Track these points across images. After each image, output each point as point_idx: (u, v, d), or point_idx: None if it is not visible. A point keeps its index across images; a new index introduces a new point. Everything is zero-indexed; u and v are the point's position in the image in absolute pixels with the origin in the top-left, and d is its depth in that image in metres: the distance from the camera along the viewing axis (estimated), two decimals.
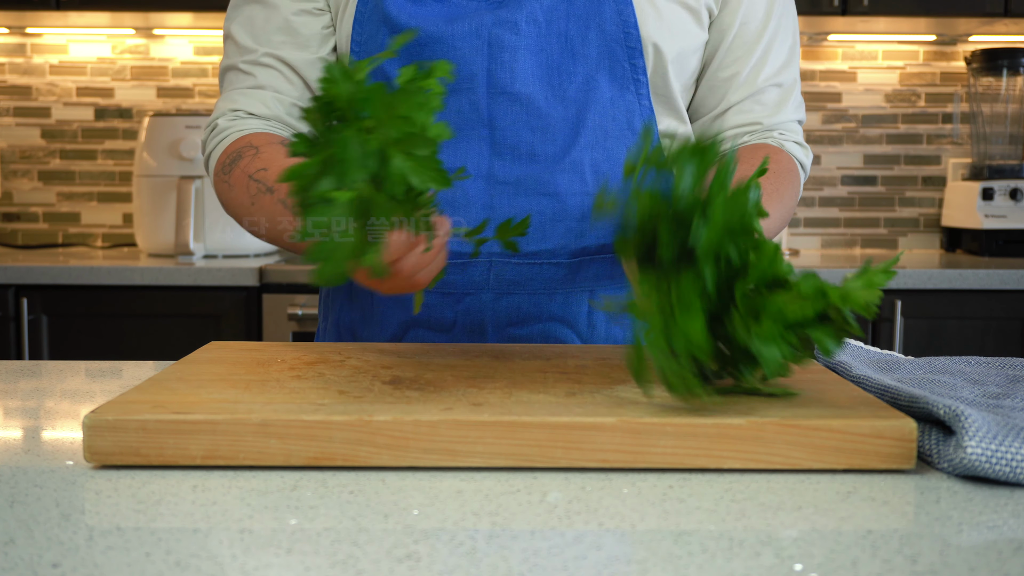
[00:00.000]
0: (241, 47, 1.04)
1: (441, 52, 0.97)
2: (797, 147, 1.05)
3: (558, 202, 0.98)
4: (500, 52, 0.96)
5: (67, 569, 0.46)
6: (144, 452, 0.61)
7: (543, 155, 0.98)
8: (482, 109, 0.97)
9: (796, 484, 0.59)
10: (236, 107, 1.03)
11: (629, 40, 0.98)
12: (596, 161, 0.99)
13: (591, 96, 0.98)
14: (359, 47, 1.00)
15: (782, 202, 0.99)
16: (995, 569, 0.47)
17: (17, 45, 2.86)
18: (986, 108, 2.79)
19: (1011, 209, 2.66)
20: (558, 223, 0.98)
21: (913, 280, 2.31)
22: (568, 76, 0.98)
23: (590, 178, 0.99)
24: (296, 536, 0.51)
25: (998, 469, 0.58)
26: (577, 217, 0.99)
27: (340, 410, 0.62)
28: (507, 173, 0.98)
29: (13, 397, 0.84)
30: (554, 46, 0.97)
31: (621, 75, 0.99)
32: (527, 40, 0.97)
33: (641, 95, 1.00)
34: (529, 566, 0.47)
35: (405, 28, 0.96)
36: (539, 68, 0.97)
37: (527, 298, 0.99)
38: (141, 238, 2.55)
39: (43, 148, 2.89)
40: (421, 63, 0.65)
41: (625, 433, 0.61)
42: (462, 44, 0.96)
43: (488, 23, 0.96)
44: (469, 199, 0.98)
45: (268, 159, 0.95)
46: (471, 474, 0.61)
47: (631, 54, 0.98)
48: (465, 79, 0.97)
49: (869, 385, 0.72)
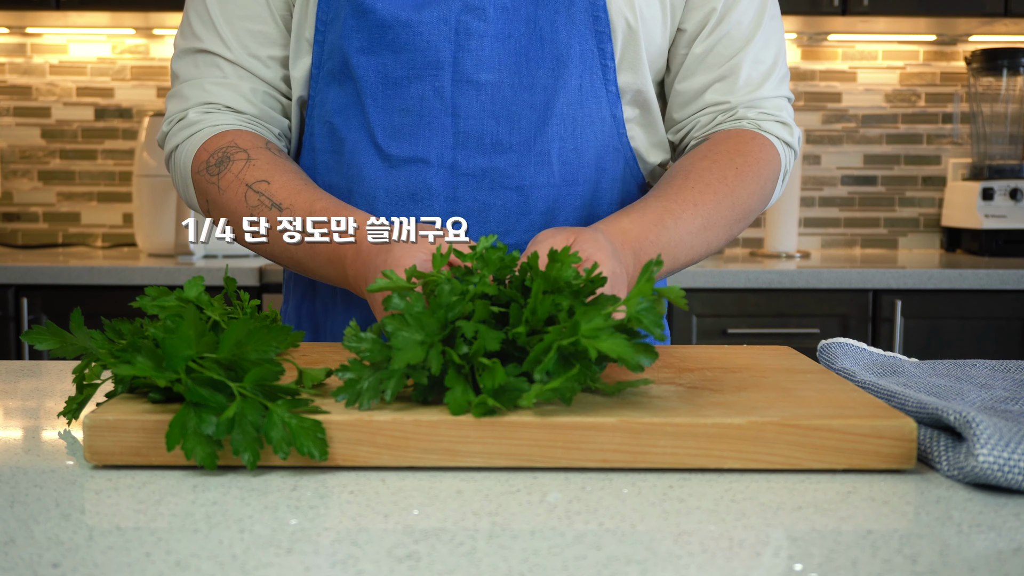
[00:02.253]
0: (209, 27, 1.01)
1: (407, 37, 0.95)
2: (780, 127, 1.03)
3: (523, 195, 0.97)
4: (467, 40, 0.95)
5: (67, 569, 0.46)
6: (144, 452, 0.61)
7: (509, 145, 0.96)
8: (446, 97, 0.96)
9: (796, 484, 0.59)
10: (211, 100, 1.00)
11: (598, 24, 0.96)
12: (563, 151, 0.98)
13: (559, 83, 0.97)
14: (324, 26, 0.98)
15: (733, 195, 0.96)
16: (995, 569, 0.47)
17: (17, 45, 2.86)
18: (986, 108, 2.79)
19: (1011, 209, 2.66)
20: (522, 217, 0.98)
21: (913, 280, 2.31)
22: (536, 63, 0.96)
23: (557, 169, 0.98)
24: (296, 536, 0.51)
25: (1011, 477, 0.57)
26: (541, 211, 0.98)
27: (340, 410, 0.62)
28: (471, 164, 0.97)
29: (13, 397, 0.84)
30: (522, 32, 0.96)
31: (590, 60, 0.97)
32: (495, 27, 0.95)
33: (608, 80, 0.99)
34: (529, 566, 0.47)
35: (370, 10, 0.95)
36: (506, 55, 0.96)
37: None
38: (141, 238, 2.55)
39: (43, 148, 2.89)
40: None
41: (625, 433, 0.61)
42: (428, 30, 0.95)
43: (456, 9, 0.95)
44: (432, 191, 0.97)
45: (266, 170, 0.94)
46: (471, 474, 0.61)
47: (599, 38, 0.97)
48: (430, 65, 0.95)
49: (875, 391, 0.72)
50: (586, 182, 1.00)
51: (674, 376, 0.74)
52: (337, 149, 1.00)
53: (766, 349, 0.86)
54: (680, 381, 0.72)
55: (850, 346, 0.86)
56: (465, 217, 0.97)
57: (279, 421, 0.59)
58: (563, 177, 0.98)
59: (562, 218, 0.99)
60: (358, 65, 0.97)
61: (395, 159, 0.97)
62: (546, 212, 0.98)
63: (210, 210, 1.00)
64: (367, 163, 0.98)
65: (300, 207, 0.90)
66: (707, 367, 0.78)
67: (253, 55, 1.01)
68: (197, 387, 0.60)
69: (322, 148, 1.01)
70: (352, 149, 0.99)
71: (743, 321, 2.33)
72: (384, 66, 0.96)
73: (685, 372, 0.76)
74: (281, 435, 0.59)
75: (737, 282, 2.30)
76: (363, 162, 0.98)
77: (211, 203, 0.99)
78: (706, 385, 0.71)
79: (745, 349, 0.86)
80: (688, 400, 0.66)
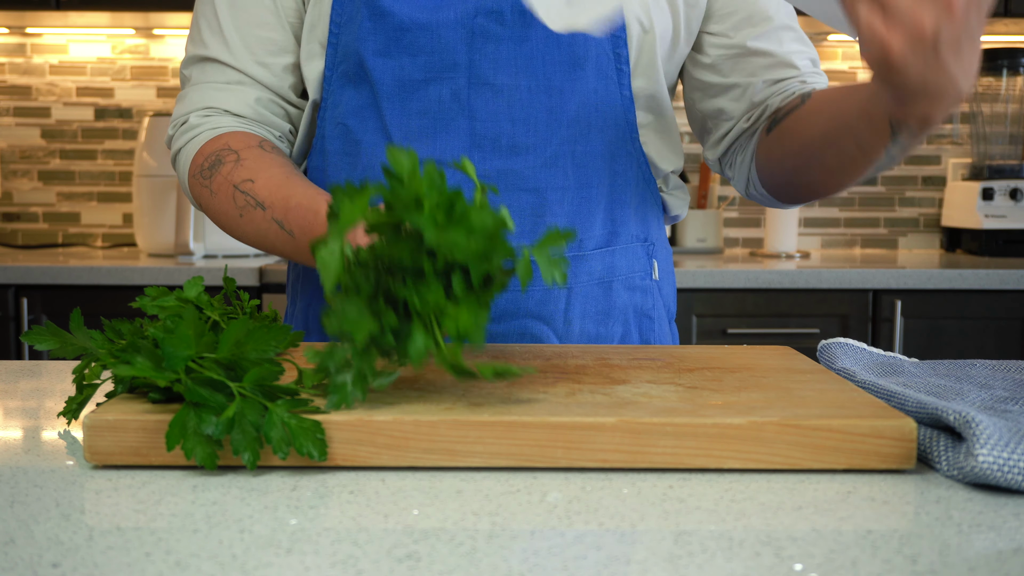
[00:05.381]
0: (217, 34, 1.01)
1: (424, 40, 0.96)
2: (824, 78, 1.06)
3: (538, 198, 0.98)
4: (484, 43, 0.95)
5: (67, 569, 0.46)
6: (144, 452, 0.61)
7: (524, 147, 0.97)
8: (463, 99, 0.96)
9: (796, 484, 0.59)
10: (211, 104, 1.01)
11: (614, 28, 0.97)
12: (578, 154, 0.98)
13: (575, 87, 0.97)
14: (338, 28, 0.99)
15: None
16: (995, 569, 0.47)
17: (17, 45, 2.86)
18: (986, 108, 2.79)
19: (1011, 209, 2.66)
20: (538, 219, 0.98)
21: (913, 280, 2.31)
22: (552, 66, 0.97)
23: (571, 172, 0.98)
24: (296, 536, 0.51)
25: (1010, 478, 0.57)
26: (556, 213, 0.99)
27: (340, 410, 0.62)
28: (487, 166, 0.97)
29: (13, 397, 0.84)
30: (538, 36, 0.96)
31: (605, 64, 0.98)
32: (511, 30, 0.96)
33: (623, 85, 0.99)
34: (529, 566, 0.47)
35: (388, 13, 0.96)
36: (522, 59, 0.96)
37: (504, 295, 0.99)
38: (141, 238, 2.55)
39: (43, 148, 2.89)
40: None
41: (625, 433, 0.61)
42: (445, 32, 0.95)
43: (472, 12, 0.95)
44: None
45: (252, 168, 0.95)
46: (471, 474, 0.61)
47: (615, 43, 0.98)
48: (447, 68, 0.96)
49: (875, 391, 0.72)
50: (600, 185, 1.00)
51: (674, 376, 0.74)
52: (351, 151, 1.00)
53: (766, 349, 0.86)
54: (680, 381, 0.72)
55: (850, 346, 0.86)
56: None
57: (278, 421, 0.59)
58: (577, 180, 0.99)
59: (577, 221, 0.99)
60: (374, 67, 0.97)
61: None
62: (561, 214, 0.98)
63: (206, 213, 1.01)
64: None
65: (279, 204, 0.91)
66: (707, 367, 0.78)
67: (260, 62, 1.01)
68: (197, 387, 0.60)
69: (334, 150, 1.01)
70: (368, 151, 0.99)
71: (743, 321, 2.33)
72: (401, 68, 0.97)
73: (685, 372, 0.76)
74: (280, 435, 0.59)
75: (737, 282, 2.30)
76: (378, 163, 0.99)
77: (205, 207, 1.00)
78: (706, 385, 0.71)
79: (745, 349, 0.86)
80: (688, 400, 0.66)
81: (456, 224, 0.62)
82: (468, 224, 0.62)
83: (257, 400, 0.60)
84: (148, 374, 0.61)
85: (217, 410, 0.59)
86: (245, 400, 0.60)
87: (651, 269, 1.08)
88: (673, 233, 2.83)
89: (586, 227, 1.00)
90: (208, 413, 0.59)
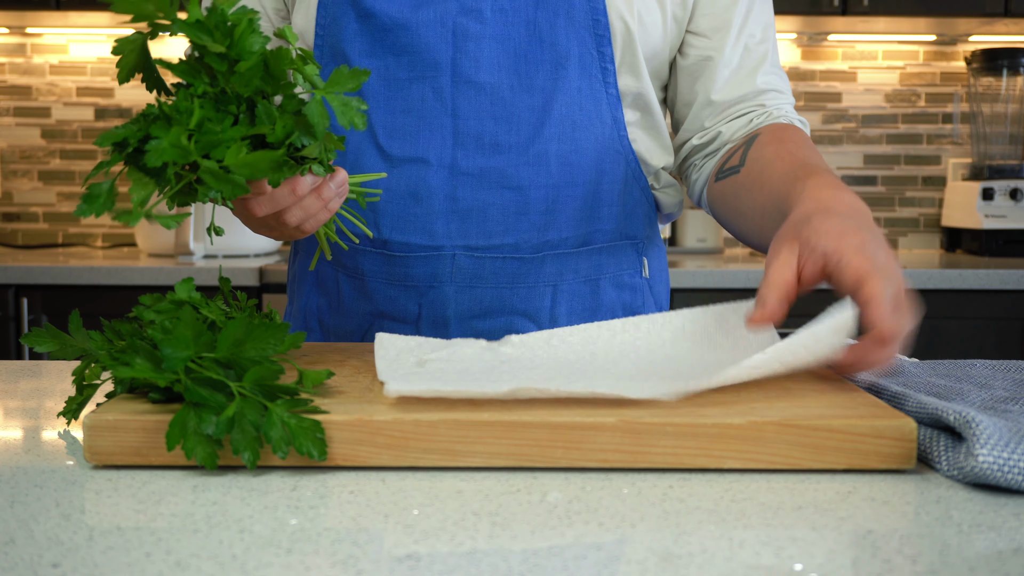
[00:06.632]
0: None
1: (405, 39, 0.96)
2: (796, 115, 1.04)
3: (521, 195, 0.98)
4: (465, 41, 0.96)
5: (67, 569, 0.46)
6: (144, 452, 0.61)
7: (507, 146, 0.97)
8: (446, 98, 0.96)
9: (796, 484, 0.59)
10: None
11: (598, 27, 0.97)
12: (562, 152, 0.98)
13: (558, 85, 0.97)
14: (323, 30, 0.99)
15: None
16: (995, 569, 0.47)
17: (17, 45, 2.86)
18: (986, 108, 2.79)
19: (1011, 209, 2.66)
20: (521, 217, 0.98)
21: (913, 280, 2.31)
22: (535, 65, 0.97)
23: (555, 170, 0.98)
24: (296, 536, 0.51)
25: (1010, 478, 0.57)
26: (540, 211, 0.99)
27: (340, 410, 0.62)
28: (470, 164, 0.97)
29: (13, 397, 0.84)
30: (521, 34, 0.96)
31: (590, 63, 0.98)
32: (493, 28, 0.96)
33: (608, 83, 0.99)
34: (529, 566, 0.47)
35: (371, 12, 0.96)
36: (505, 57, 0.96)
37: (490, 291, 0.99)
38: (141, 238, 2.55)
39: (43, 148, 2.89)
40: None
41: (625, 433, 0.61)
42: (427, 31, 0.96)
43: (453, 11, 0.96)
44: (431, 190, 0.97)
45: None
46: (471, 474, 0.61)
47: (599, 41, 0.98)
48: (429, 67, 0.96)
49: (875, 391, 0.72)
50: (586, 183, 1.00)
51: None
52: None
53: None
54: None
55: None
56: (465, 216, 0.97)
57: (278, 421, 0.59)
58: (561, 178, 0.99)
59: (561, 218, 1.00)
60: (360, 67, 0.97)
61: (396, 159, 0.98)
62: (545, 212, 0.99)
63: None
64: (368, 163, 0.99)
65: None
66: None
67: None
68: (197, 387, 0.60)
69: None
70: (354, 149, 1.00)
71: None
72: (386, 68, 0.97)
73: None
74: (280, 435, 0.59)
75: (737, 282, 2.30)
76: (364, 162, 0.99)
77: None
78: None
79: None
80: (688, 400, 0.66)
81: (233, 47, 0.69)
82: (244, 46, 0.69)
83: (257, 400, 0.60)
84: (147, 375, 0.61)
85: (217, 410, 0.59)
86: (245, 400, 0.60)
87: (640, 267, 1.08)
88: (673, 233, 2.83)
89: (572, 224, 1.00)
90: (208, 413, 0.59)
